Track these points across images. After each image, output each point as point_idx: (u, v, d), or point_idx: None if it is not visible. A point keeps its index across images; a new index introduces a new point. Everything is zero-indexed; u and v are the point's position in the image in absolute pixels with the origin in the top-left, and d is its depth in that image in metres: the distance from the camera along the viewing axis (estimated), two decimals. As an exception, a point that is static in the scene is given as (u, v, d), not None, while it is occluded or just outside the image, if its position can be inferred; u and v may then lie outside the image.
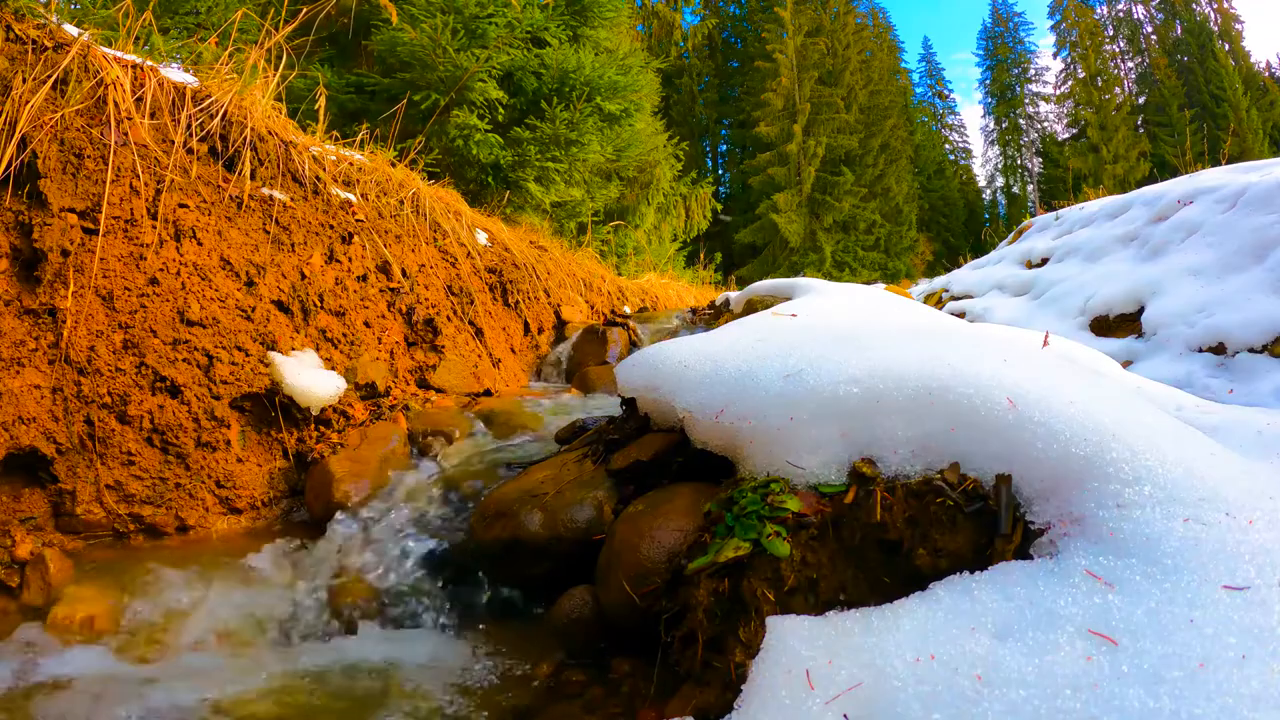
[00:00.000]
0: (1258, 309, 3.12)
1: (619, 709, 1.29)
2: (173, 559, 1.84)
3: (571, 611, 1.49)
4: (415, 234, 3.10)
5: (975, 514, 1.07)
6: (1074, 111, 32.40)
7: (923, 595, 0.98)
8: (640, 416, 1.84)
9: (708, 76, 29.35)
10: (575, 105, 5.10)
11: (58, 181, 1.89)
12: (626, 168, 6.99)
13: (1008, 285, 5.38)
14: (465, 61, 4.48)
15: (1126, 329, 3.82)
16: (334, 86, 4.51)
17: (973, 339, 1.57)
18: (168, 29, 3.45)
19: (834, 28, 26.73)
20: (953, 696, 0.78)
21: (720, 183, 28.73)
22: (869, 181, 25.27)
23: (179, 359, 2.02)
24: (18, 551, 1.72)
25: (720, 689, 1.11)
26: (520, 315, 3.70)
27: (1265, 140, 25.77)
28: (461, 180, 4.90)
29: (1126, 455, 0.99)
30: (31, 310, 1.83)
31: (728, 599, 1.19)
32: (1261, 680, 0.70)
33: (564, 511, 1.64)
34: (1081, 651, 0.79)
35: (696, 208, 11.67)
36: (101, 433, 1.89)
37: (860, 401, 1.24)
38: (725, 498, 1.33)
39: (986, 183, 39.73)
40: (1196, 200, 4.22)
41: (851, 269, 23.36)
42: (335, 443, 2.26)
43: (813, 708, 0.85)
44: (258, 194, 2.37)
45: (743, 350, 1.60)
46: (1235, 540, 0.87)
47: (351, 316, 2.56)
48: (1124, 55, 33.75)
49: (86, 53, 2.03)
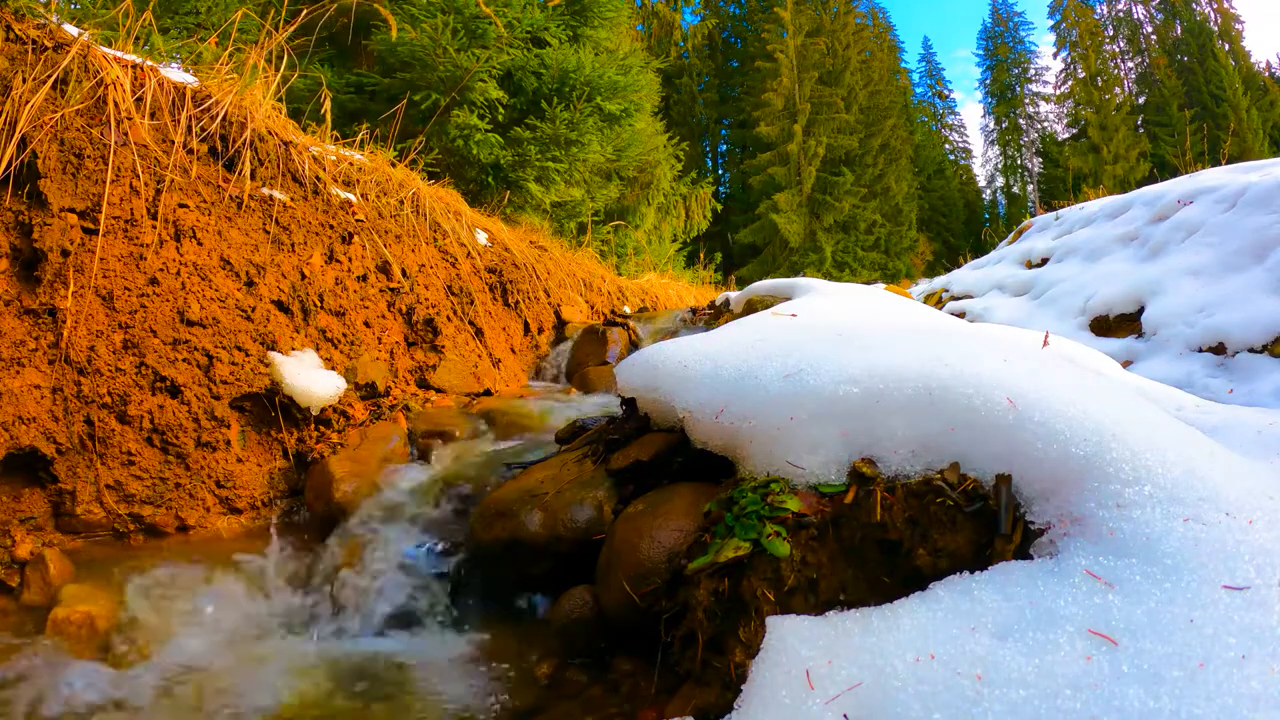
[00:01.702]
0: (1258, 309, 3.12)
1: (619, 709, 1.29)
2: (173, 559, 1.84)
3: (571, 611, 1.49)
4: (415, 234, 3.10)
5: (975, 514, 1.07)
6: (1074, 111, 32.40)
7: (923, 595, 0.98)
8: (640, 416, 1.84)
9: (708, 76, 29.34)
10: (575, 105, 5.10)
11: (58, 181, 1.89)
12: (626, 168, 6.99)
13: (1008, 285, 5.38)
14: (465, 61, 4.48)
15: (1126, 329, 3.82)
16: (334, 86, 4.50)
17: (973, 339, 1.57)
18: (168, 29, 3.45)
19: (834, 28, 26.73)
20: (953, 696, 0.78)
21: (720, 183, 28.72)
22: (869, 181, 25.26)
23: (179, 359, 2.02)
24: (18, 551, 1.72)
25: (720, 689, 1.11)
26: (520, 315, 3.70)
27: (1265, 140, 25.76)
28: (461, 180, 4.90)
29: (1126, 455, 0.99)
30: (31, 310, 1.83)
31: (728, 599, 1.19)
32: (1261, 680, 0.70)
33: (564, 511, 1.64)
34: (1081, 651, 0.79)
35: (696, 208, 11.67)
36: (101, 433, 1.89)
37: (860, 401, 1.24)
38: (725, 498, 1.33)
39: (986, 183, 39.76)
40: (1196, 200, 4.22)
41: (851, 269, 23.36)
42: (335, 443, 2.26)
43: (813, 708, 0.85)
44: (258, 194, 2.37)
45: (742, 350, 1.60)
46: (1235, 540, 0.87)
47: (351, 316, 2.56)
48: (1124, 55, 33.75)
49: (86, 53, 2.03)
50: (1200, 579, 0.83)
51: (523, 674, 1.45)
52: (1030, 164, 37.23)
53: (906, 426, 1.19)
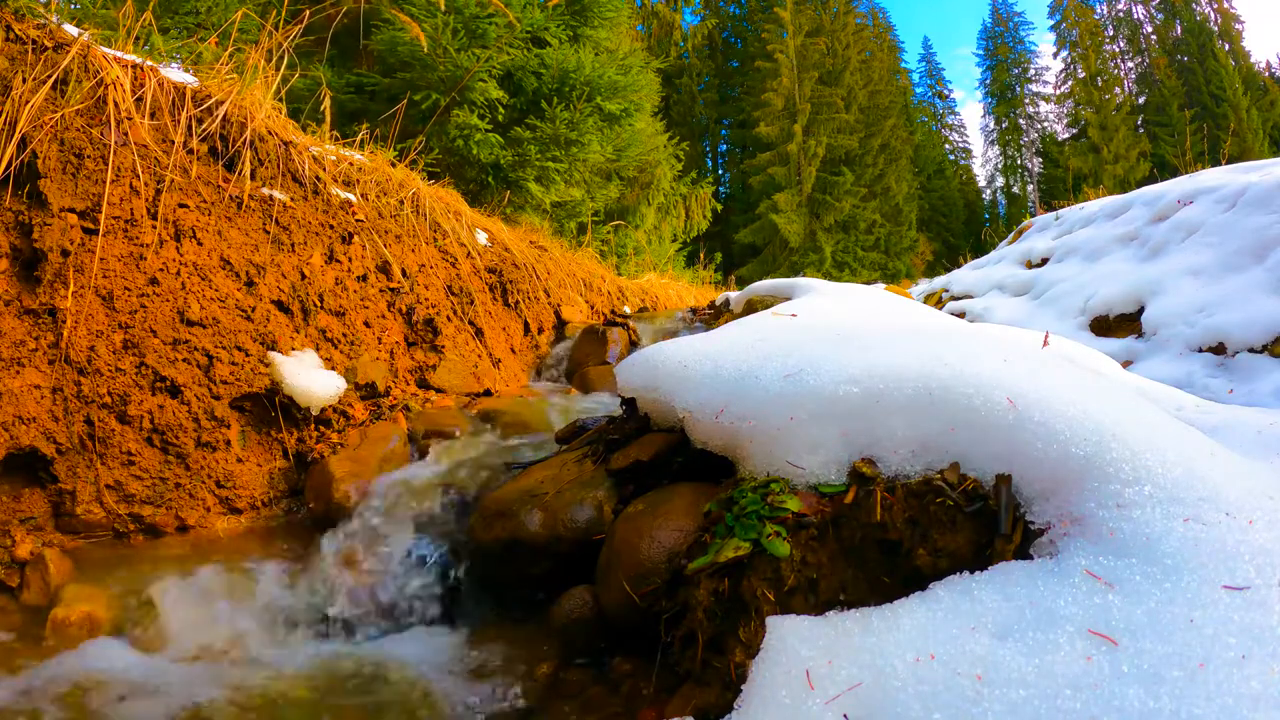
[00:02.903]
0: (1258, 309, 3.12)
1: (619, 709, 1.29)
2: (173, 559, 1.84)
3: (571, 611, 1.49)
4: (415, 234, 3.10)
5: (975, 514, 1.07)
6: (1074, 111, 32.40)
7: (923, 595, 0.98)
8: (640, 416, 1.84)
9: (708, 76, 29.35)
10: (575, 105, 5.10)
11: (58, 181, 1.89)
12: (626, 168, 6.99)
13: (1008, 285, 5.38)
14: (465, 61, 4.48)
15: (1126, 329, 3.82)
16: (334, 86, 4.50)
17: (972, 339, 1.57)
18: (168, 29, 3.45)
19: (834, 28, 26.73)
20: (953, 696, 0.78)
21: (720, 183, 28.73)
22: (869, 181, 25.27)
23: (179, 359, 2.02)
24: (18, 551, 1.72)
25: (720, 689, 1.11)
26: (520, 315, 3.70)
27: (1265, 140, 25.76)
28: (461, 180, 4.90)
29: (1126, 455, 0.99)
30: (31, 310, 1.83)
31: (728, 599, 1.19)
32: (1261, 680, 0.70)
33: (564, 511, 1.64)
34: (1081, 651, 0.79)
35: (696, 208, 11.66)
36: (101, 433, 1.89)
37: (860, 401, 1.24)
38: (725, 498, 1.33)
39: (986, 183, 39.76)
40: (1196, 200, 4.22)
41: (851, 269, 23.36)
42: (335, 443, 2.26)
43: (813, 708, 0.84)
44: (258, 194, 2.37)
45: (742, 350, 1.60)
46: (1235, 540, 0.87)
47: (351, 316, 2.56)
48: (1124, 55, 33.75)
49: (86, 53, 2.03)
50: (1200, 579, 0.83)
51: (522, 674, 1.45)
52: (1030, 164, 37.24)
53: (906, 426, 1.19)
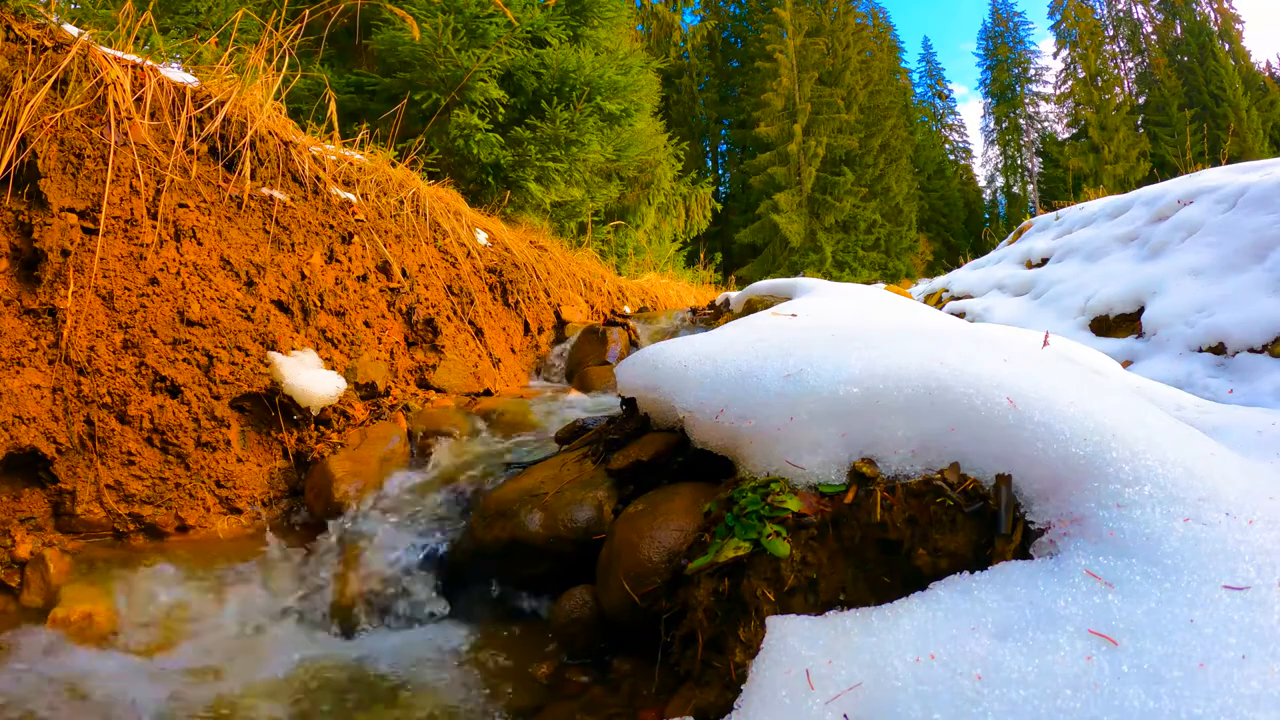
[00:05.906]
0: (1258, 309, 3.12)
1: (619, 709, 1.29)
2: (173, 559, 1.84)
3: (571, 611, 1.49)
4: (415, 234, 3.10)
5: (975, 514, 1.07)
6: (1074, 111, 32.39)
7: (923, 595, 0.98)
8: (640, 416, 1.84)
9: (708, 76, 29.36)
10: (575, 105, 5.10)
11: (58, 181, 1.89)
12: (626, 168, 6.99)
13: (1008, 285, 5.38)
14: (465, 61, 4.48)
15: (1126, 329, 3.82)
16: (334, 86, 4.50)
17: (972, 339, 1.57)
18: (168, 29, 3.45)
19: (834, 28, 26.74)
20: (953, 696, 0.78)
21: (720, 183, 28.74)
22: (869, 181, 25.27)
23: (179, 359, 2.02)
24: (18, 551, 1.72)
25: (720, 689, 1.11)
26: (520, 315, 3.70)
27: (1265, 140, 25.77)
28: (461, 180, 4.90)
29: (1127, 455, 0.99)
30: (31, 310, 1.83)
31: (728, 599, 1.19)
32: (1261, 680, 0.70)
33: (564, 511, 1.64)
34: (1081, 651, 0.79)
35: (696, 208, 11.65)
36: (101, 433, 1.89)
37: (860, 401, 1.24)
38: (725, 498, 1.33)
39: (986, 183, 39.77)
40: (1196, 200, 4.22)
41: (851, 269, 23.36)
42: (335, 443, 2.26)
43: (813, 708, 0.84)
44: (258, 194, 2.37)
45: (743, 350, 1.60)
46: (1235, 540, 0.87)
47: (351, 316, 2.56)
48: (1124, 55, 33.75)
49: (86, 53, 2.03)
50: (1200, 579, 0.83)
51: (522, 674, 1.45)
52: (1030, 164, 37.23)
53: (906, 426, 1.19)
